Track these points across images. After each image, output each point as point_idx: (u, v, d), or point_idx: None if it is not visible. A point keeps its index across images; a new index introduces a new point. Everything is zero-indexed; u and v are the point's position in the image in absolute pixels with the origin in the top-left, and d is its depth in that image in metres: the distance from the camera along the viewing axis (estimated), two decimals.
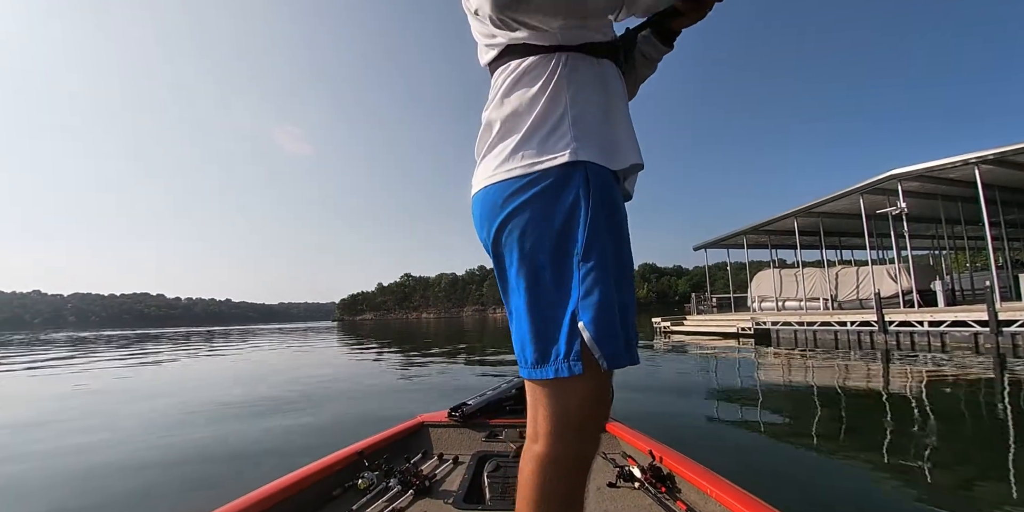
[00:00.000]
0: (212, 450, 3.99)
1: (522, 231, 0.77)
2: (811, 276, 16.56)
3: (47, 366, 12.83)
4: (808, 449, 3.64)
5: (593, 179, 0.76)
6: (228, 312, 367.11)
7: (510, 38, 0.83)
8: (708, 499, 1.46)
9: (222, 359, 14.10)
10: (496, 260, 0.84)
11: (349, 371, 9.91)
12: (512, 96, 0.83)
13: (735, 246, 20.86)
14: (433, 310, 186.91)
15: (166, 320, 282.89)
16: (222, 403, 6.19)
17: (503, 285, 0.84)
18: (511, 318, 0.82)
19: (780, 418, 4.76)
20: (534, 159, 0.77)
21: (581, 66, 0.82)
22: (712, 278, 27.97)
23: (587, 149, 0.77)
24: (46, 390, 8.48)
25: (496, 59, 0.88)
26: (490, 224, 0.82)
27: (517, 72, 0.83)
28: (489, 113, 0.85)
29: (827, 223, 16.51)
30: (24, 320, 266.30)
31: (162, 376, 10.28)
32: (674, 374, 7.87)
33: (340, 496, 1.61)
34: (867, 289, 14.15)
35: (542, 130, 0.79)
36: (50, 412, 6.05)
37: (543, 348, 0.75)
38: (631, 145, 0.84)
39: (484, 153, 0.85)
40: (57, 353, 18.08)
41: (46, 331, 53.24)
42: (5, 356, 17.26)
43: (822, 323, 12.65)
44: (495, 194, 0.80)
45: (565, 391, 0.74)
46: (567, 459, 0.75)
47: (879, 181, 12.29)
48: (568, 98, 0.80)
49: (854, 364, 8.38)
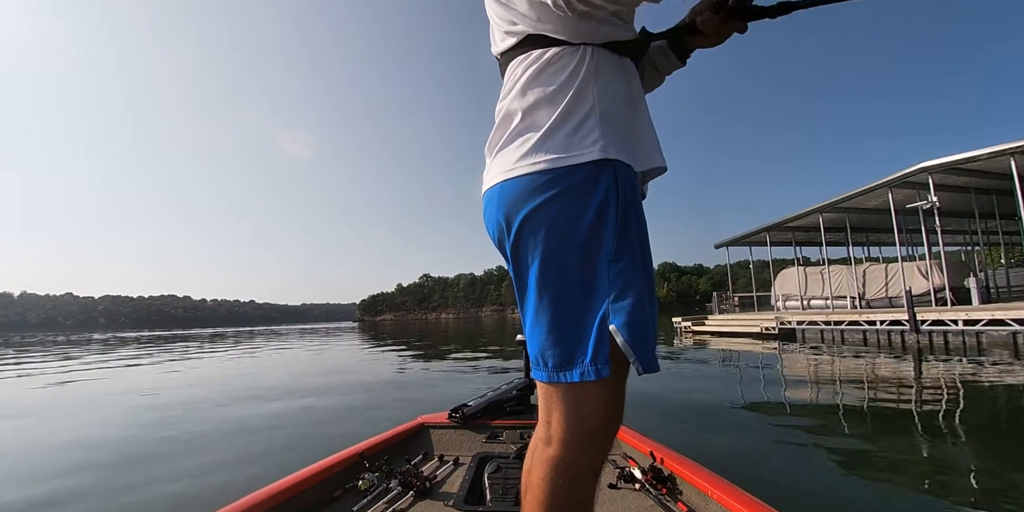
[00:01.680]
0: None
1: (548, 229, 0.73)
2: (837, 273, 16.07)
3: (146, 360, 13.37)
4: (825, 456, 3.45)
5: (621, 179, 0.74)
6: (252, 313, 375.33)
7: (533, 27, 0.80)
8: (709, 500, 1.45)
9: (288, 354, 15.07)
10: (514, 259, 0.79)
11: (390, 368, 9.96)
12: (535, 87, 0.78)
13: (758, 243, 20.42)
14: (452, 310, 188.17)
15: (192, 321, 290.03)
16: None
17: (520, 285, 0.79)
18: (527, 319, 0.78)
19: (799, 421, 4.58)
20: (561, 153, 0.74)
21: (607, 62, 0.80)
22: (734, 277, 27.41)
23: (615, 147, 0.75)
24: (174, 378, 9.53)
25: (513, 48, 0.83)
26: (510, 221, 0.77)
27: (541, 62, 0.79)
28: (508, 103, 0.81)
29: (854, 219, 16.02)
30: (57, 322, 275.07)
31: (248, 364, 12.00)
32: (692, 375, 7.71)
33: (341, 497, 1.60)
34: (896, 287, 13.70)
35: (568, 124, 0.76)
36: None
37: (567, 351, 0.72)
38: (655, 146, 0.82)
39: (502, 146, 0.81)
40: (127, 352, 18.71)
41: (78, 332, 55.19)
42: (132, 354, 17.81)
43: (850, 322, 12.26)
44: (516, 189, 0.76)
45: (587, 395, 0.72)
46: (581, 465, 0.73)
47: (909, 174, 11.85)
48: (596, 93, 0.77)
49: (883, 365, 8.07)
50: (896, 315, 11.18)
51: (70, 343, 28.91)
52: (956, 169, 11.47)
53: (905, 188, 12.65)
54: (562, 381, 0.72)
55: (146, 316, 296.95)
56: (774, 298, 18.37)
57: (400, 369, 9.86)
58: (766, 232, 18.52)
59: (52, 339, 36.57)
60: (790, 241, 19.77)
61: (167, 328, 73.80)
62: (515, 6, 0.81)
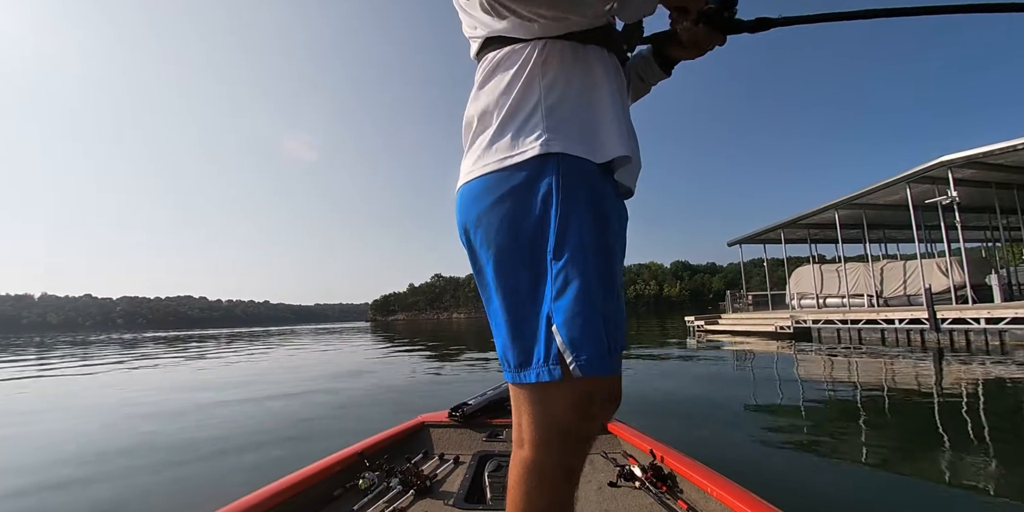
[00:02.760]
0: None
1: (496, 229, 0.73)
2: (854, 271, 15.80)
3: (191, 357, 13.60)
4: (833, 457, 3.36)
5: (566, 172, 0.71)
6: (266, 313, 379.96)
7: (489, 30, 0.80)
8: (709, 498, 1.44)
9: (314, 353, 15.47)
10: (472, 261, 0.80)
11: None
12: (485, 89, 0.79)
13: (772, 241, 20.15)
14: (463, 310, 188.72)
15: (208, 322, 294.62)
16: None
17: (481, 284, 0.80)
18: (490, 320, 0.78)
19: (808, 421, 4.48)
20: (506, 153, 0.74)
21: (559, 52, 0.77)
22: (748, 275, 27.06)
23: (561, 140, 0.72)
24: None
25: (477, 53, 0.84)
26: (466, 224, 0.78)
27: (491, 65, 0.80)
28: (468, 109, 0.82)
29: (871, 215, 15.71)
30: (77, 323, 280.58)
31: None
32: (702, 374, 7.61)
33: (341, 496, 1.60)
34: (915, 284, 13.42)
35: (514, 122, 0.75)
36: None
37: (524, 351, 0.71)
38: (617, 136, 0.76)
39: (465, 149, 0.82)
40: (156, 350, 19.21)
41: (97, 333, 56.43)
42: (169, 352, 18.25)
43: (867, 321, 12.03)
44: (471, 192, 0.77)
45: (550, 397, 0.70)
46: (551, 467, 0.71)
47: (927, 169, 11.58)
48: (543, 87, 0.75)
49: (902, 365, 7.90)
50: (915, 313, 10.94)
51: (100, 343, 29.30)
52: (976, 163, 11.19)
53: (924, 183, 12.36)
54: (521, 382, 0.71)
55: (163, 317, 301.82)
56: (789, 296, 18.12)
57: (430, 368, 9.88)
58: (780, 229, 18.27)
59: (84, 339, 36.95)
60: (805, 238, 19.49)
61: (184, 328, 75.12)
62: (472, 10, 0.80)
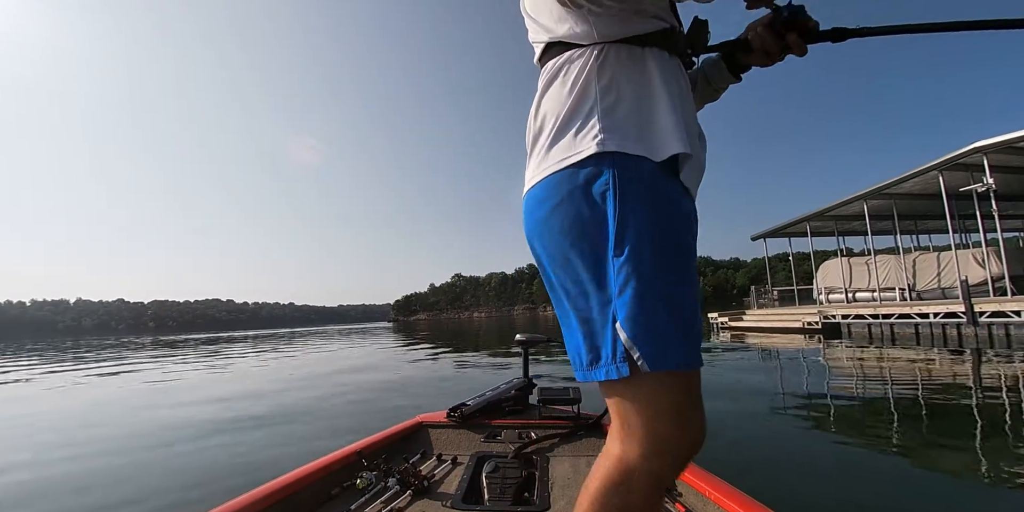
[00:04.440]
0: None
1: (559, 231, 0.75)
2: (885, 264, 15.26)
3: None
4: (847, 463, 3.19)
5: (622, 169, 0.72)
6: (291, 315, 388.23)
7: (551, 36, 0.82)
8: (707, 501, 1.42)
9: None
10: (539, 264, 0.83)
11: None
12: (546, 96, 0.81)
13: (797, 234, 19.66)
14: (484, 309, 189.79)
15: (236, 324, 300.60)
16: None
17: (549, 287, 0.82)
18: (561, 320, 0.80)
19: (835, 424, 4.31)
20: (563, 156, 0.75)
21: (616, 55, 0.78)
22: (772, 269, 26.40)
23: (616, 139, 0.73)
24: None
25: (539, 59, 0.87)
26: (530, 228, 0.81)
27: (551, 71, 0.81)
28: (531, 116, 0.85)
29: (901, 205, 15.17)
30: (110, 326, 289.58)
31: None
32: (724, 372, 7.41)
33: (338, 496, 1.59)
34: (950, 276, 12.90)
35: (571, 126, 0.76)
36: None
37: (594, 350, 0.72)
38: (676, 134, 0.74)
39: (528, 154, 0.85)
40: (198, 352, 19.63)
41: (129, 336, 58.58)
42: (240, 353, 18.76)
43: (900, 315, 11.59)
44: (533, 198, 0.79)
45: (634, 395, 0.70)
46: (641, 473, 0.69)
47: (961, 155, 11.10)
48: (599, 89, 0.76)
49: (937, 361, 7.58)
50: (951, 307, 10.50)
51: (145, 345, 29.87)
52: (1013, 148, 10.67)
53: (957, 170, 11.86)
54: (591, 379, 0.73)
55: (191, 320, 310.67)
56: (816, 291, 17.64)
57: (455, 369, 9.93)
58: (806, 222, 17.79)
59: (135, 341, 37.79)
60: (832, 231, 18.92)
61: (213, 330, 76.87)
62: (538, 17, 0.84)
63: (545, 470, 1.73)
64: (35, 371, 13.06)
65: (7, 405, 7.34)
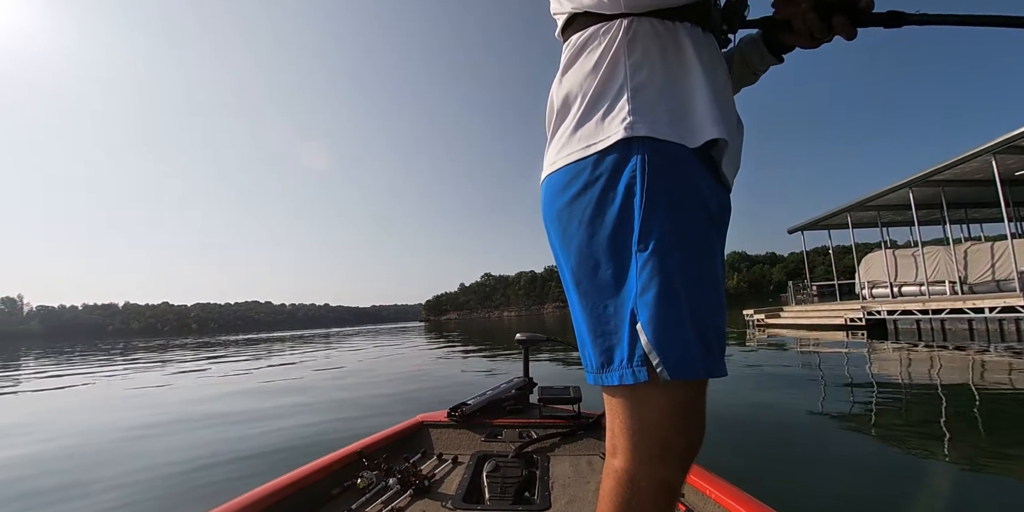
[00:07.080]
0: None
1: (579, 222, 0.69)
2: (933, 255, 14.44)
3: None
4: (864, 464, 3.01)
5: (653, 156, 0.65)
6: (328, 316, 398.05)
7: (574, 5, 0.76)
8: (708, 500, 1.41)
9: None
10: (556, 255, 0.77)
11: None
12: (569, 72, 0.75)
13: (838, 226, 18.81)
14: (514, 308, 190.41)
15: (275, 325, 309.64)
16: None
17: (564, 281, 0.76)
18: (573, 318, 0.75)
19: (876, 427, 4.07)
20: (589, 141, 0.69)
21: (646, 30, 0.71)
22: (811, 264, 25.46)
23: (647, 123, 0.66)
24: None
25: (562, 31, 0.81)
26: (549, 217, 0.75)
27: (576, 46, 0.75)
28: (551, 93, 0.79)
29: (950, 193, 14.26)
30: (156, 329, 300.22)
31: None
32: (757, 371, 7.11)
33: (339, 495, 1.58)
34: (1005, 268, 12.10)
35: (599, 107, 0.70)
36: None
37: (607, 351, 0.67)
38: (711, 118, 0.68)
39: (548, 139, 0.79)
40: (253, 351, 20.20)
41: (172, 337, 61.32)
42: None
43: (951, 310, 10.89)
44: (554, 184, 0.74)
45: (641, 401, 0.65)
46: (646, 480, 0.65)
47: (1015, 137, 10.33)
48: (628, 66, 0.70)
49: (993, 360, 7.07)
50: (1009, 300, 9.79)
51: (200, 346, 30.92)
52: None
53: (1012, 154, 11.06)
54: (603, 384, 0.68)
55: (232, 321, 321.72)
56: (859, 286, 16.85)
57: (484, 369, 9.98)
58: (847, 213, 17.00)
59: (195, 342, 39.08)
60: (875, 222, 18.03)
61: (254, 332, 79.54)
62: None
63: (546, 469, 1.72)
64: (169, 370, 13.18)
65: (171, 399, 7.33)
